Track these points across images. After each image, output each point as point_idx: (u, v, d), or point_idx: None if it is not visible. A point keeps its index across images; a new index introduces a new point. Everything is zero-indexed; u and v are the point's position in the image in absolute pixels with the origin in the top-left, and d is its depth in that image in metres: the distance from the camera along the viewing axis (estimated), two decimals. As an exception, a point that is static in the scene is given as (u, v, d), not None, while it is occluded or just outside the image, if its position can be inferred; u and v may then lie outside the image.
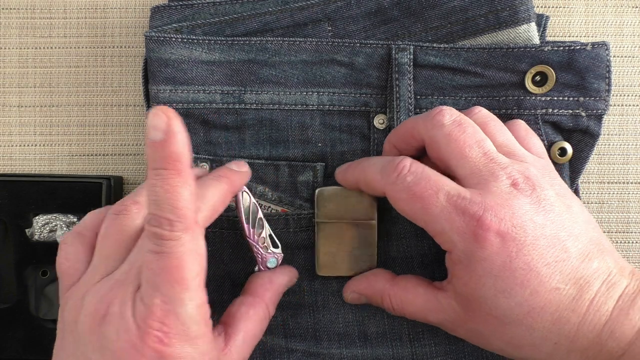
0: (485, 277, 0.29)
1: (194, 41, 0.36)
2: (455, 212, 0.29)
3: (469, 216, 0.29)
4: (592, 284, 0.28)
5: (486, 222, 0.29)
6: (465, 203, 0.29)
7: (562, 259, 0.29)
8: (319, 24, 0.37)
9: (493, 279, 0.29)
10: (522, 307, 0.28)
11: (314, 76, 0.36)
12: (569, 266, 0.29)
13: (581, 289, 0.28)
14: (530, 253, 0.28)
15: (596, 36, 0.40)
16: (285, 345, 0.37)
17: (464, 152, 0.30)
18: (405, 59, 0.36)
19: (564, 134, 0.36)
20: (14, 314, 0.38)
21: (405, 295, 0.33)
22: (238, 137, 0.37)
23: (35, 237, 0.38)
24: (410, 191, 0.30)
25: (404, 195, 0.31)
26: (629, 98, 0.40)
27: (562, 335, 0.28)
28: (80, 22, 0.41)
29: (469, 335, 0.32)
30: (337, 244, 0.35)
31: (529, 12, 0.36)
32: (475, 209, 0.29)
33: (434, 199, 0.30)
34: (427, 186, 0.30)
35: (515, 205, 0.29)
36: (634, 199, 0.40)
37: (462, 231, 0.29)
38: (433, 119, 0.31)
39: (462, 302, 0.31)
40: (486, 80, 0.36)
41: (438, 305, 0.32)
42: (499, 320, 0.29)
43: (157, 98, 0.36)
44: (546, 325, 0.28)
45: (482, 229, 0.29)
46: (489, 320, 0.30)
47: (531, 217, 0.29)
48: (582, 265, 0.29)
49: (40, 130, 0.41)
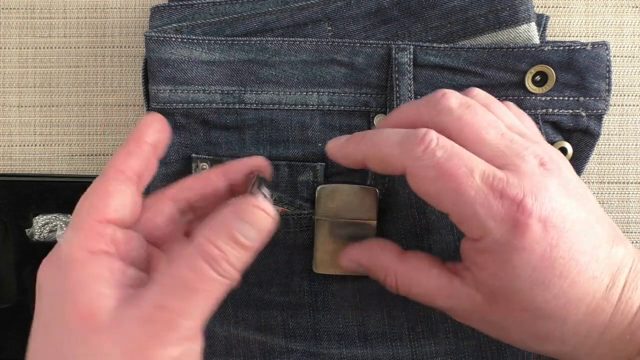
0: (521, 268, 0.26)
1: (194, 41, 0.36)
2: (492, 195, 0.26)
3: (509, 200, 0.26)
4: (622, 270, 0.27)
5: (528, 207, 0.26)
6: (503, 184, 0.26)
7: (596, 246, 0.27)
8: (319, 24, 0.37)
9: (530, 270, 0.26)
10: (559, 299, 0.26)
11: (314, 76, 0.36)
12: (602, 253, 0.27)
13: (614, 276, 0.27)
14: (570, 240, 0.26)
15: (596, 36, 0.40)
16: (285, 345, 0.37)
17: (481, 136, 0.27)
18: (405, 58, 0.36)
19: (564, 134, 0.36)
20: (14, 314, 0.38)
21: (416, 275, 0.29)
22: (238, 137, 0.37)
23: (35, 237, 0.38)
24: (441, 168, 0.26)
25: (432, 173, 0.26)
26: (629, 98, 0.40)
27: (593, 327, 0.27)
28: (80, 22, 0.41)
29: (485, 326, 0.29)
30: (335, 242, 0.35)
31: (529, 12, 0.36)
32: (515, 192, 0.26)
33: (468, 178, 0.26)
34: (461, 163, 0.26)
35: (550, 186, 0.26)
36: (634, 199, 0.40)
37: (500, 217, 0.26)
38: (438, 104, 0.28)
39: (486, 294, 0.28)
40: (486, 80, 0.36)
41: (453, 291, 0.28)
42: (530, 313, 0.27)
43: (157, 98, 0.36)
44: (580, 317, 0.26)
45: (524, 215, 0.26)
46: (518, 313, 0.27)
47: (565, 200, 0.27)
48: (612, 252, 0.27)
49: (40, 130, 0.41)
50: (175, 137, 0.37)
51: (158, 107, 0.36)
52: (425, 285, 0.29)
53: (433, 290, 0.29)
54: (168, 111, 0.36)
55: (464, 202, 0.26)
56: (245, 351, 0.37)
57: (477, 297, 0.28)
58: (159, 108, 0.36)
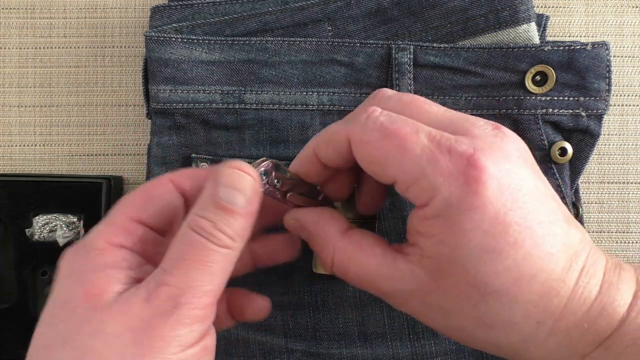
0: (472, 231, 0.23)
1: (194, 41, 0.36)
2: (439, 151, 0.24)
3: (458, 155, 0.24)
4: (580, 254, 0.24)
5: (479, 162, 0.23)
6: (451, 142, 0.24)
7: (554, 220, 0.24)
8: (319, 24, 0.37)
9: (482, 235, 0.23)
10: (510, 273, 0.23)
11: (314, 76, 0.36)
12: (560, 229, 0.24)
13: (571, 258, 0.24)
14: (526, 206, 0.24)
15: (596, 36, 0.40)
16: (285, 345, 0.37)
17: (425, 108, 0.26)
18: (405, 58, 0.36)
19: (564, 134, 0.36)
20: (14, 314, 0.38)
21: (356, 253, 0.27)
22: (238, 137, 0.37)
23: (35, 237, 0.38)
24: (385, 129, 0.25)
25: (376, 136, 0.25)
26: (629, 98, 0.40)
27: (547, 311, 0.24)
28: (80, 22, 0.41)
29: (425, 311, 0.26)
30: None
31: (529, 12, 0.36)
32: (464, 148, 0.24)
33: (413, 136, 0.24)
34: (405, 124, 0.25)
35: (506, 148, 0.24)
36: (634, 199, 0.40)
37: (449, 172, 0.23)
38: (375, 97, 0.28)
39: (431, 268, 0.25)
40: (486, 80, 0.36)
41: (395, 271, 0.26)
42: (477, 290, 0.24)
43: (157, 98, 0.36)
44: (533, 298, 0.24)
45: (475, 170, 0.23)
46: (463, 289, 0.24)
47: (522, 165, 0.25)
48: (570, 233, 0.25)
49: (40, 130, 0.41)
50: (175, 137, 0.37)
51: (158, 107, 0.36)
52: (366, 264, 0.26)
53: (373, 270, 0.26)
54: (168, 111, 0.36)
55: (410, 161, 0.24)
56: (245, 351, 0.37)
57: (420, 274, 0.25)
58: (159, 108, 0.36)
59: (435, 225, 0.24)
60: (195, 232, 0.24)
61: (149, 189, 0.26)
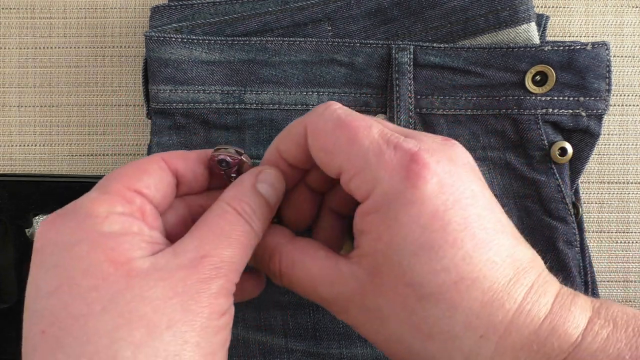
0: (408, 226, 0.23)
1: (194, 41, 0.36)
2: (386, 146, 0.24)
3: (404, 150, 0.24)
4: (529, 271, 0.23)
5: (422, 158, 0.23)
6: (399, 140, 0.24)
7: (500, 230, 0.24)
8: (319, 24, 0.37)
9: (419, 230, 0.23)
10: (448, 273, 0.22)
11: (314, 76, 0.37)
12: (506, 241, 0.23)
13: (518, 272, 0.23)
14: (468, 209, 0.23)
15: (596, 36, 0.40)
16: (285, 345, 0.37)
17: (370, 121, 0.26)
18: (405, 58, 0.36)
19: (564, 134, 0.36)
20: (14, 314, 0.38)
21: (300, 258, 0.26)
22: (238, 137, 0.37)
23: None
24: (340, 120, 0.25)
25: (330, 125, 0.25)
26: (629, 98, 0.40)
27: (491, 324, 0.22)
28: (80, 22, 0.41)
29: (363, 317, 0.25)
30: None
31: (529, 12, 0.36)
32: (410, 146, 0.24)
33: (365, 130, 0.25)
34: (360, 118, 0.25)
35: (453, 154, 0.25)
36: (634, 199, 0.40)
37: (392, 166, 0.24)
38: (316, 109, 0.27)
39: (369, 265, 0.24)
40: (486, 80, 0.36)
41: (336, 273, 0.25)
42: (414, 291, 0.23)
43: (157, 98, 0.36)
44: (474, 306, 0.22)
45: (417, 165, 0.23)
46: (400, 289, 0.23)
47: (468, 173, 0.25)
48: (519, 249, 0.24)
49: (40, 130, 0.41)
50: (175, 137, 0.37)
51: (158, 107, 0.36)
52: (309, 268, 0.26)
53: (316, 273, 0.26)
54: (168, 111, 0.36)
55: (357, 151, 0.24)
56: (245, 351, 0.37)
57: (359, 273, 0.25)
58: (159, 108, 0.36)
59: (374, 220, 0.24)
60: (239, 214, 0.25)
61: (141, 164, 0.26)
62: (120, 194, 0.24)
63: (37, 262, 0.23)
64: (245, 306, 0.37)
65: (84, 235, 0.23)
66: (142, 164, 0.26)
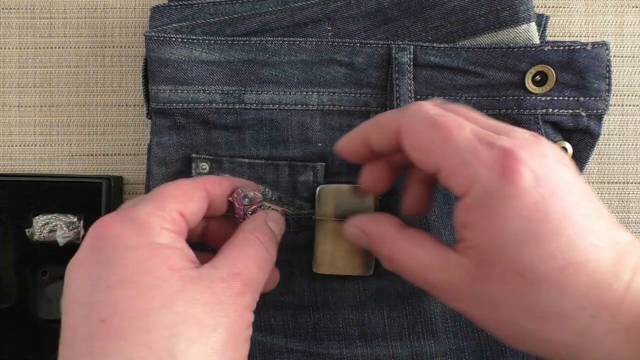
0: (512, 218, 0.24)
1: (194, 41, 0.36)
2: (481, 144, 0.25)
3: (498, 148, 0.25)
4: (631, 253, 0.24)
5: (518, 155, 0.25)
6: (493, 139, 0.26)
7: (598, 216, 0.25)
8: (319, 23, 0.37)
9: (522, 221, 0.24)
10: (555, 259, 0.23)
11: (314, 76, 0.37)
12: (604, 225, 0.24)
13: (620, 255, 0.24)
14: (566, 198, 0.24)
15: (596, 36, 0.40)
16: (285, 345, 0.37)
17: (468, 115, 0.28)
18: (405, 58, 0.36)
19: (564, 134, 0.36)
20: (14, 314, 0.38)
21: (409, 246, 0.29)
22: (238, 137, 0.37)
23: (35, 237, 0.38)
24: (433, 120, 0.27)
25: (424, 126, 0.27)
26: (629, 98, 0.40)
27: (602, 305, 0.23)
28: (80, 22, 0.41)
29: (475, 304, 0.26)
30: (335, 242, 0.35)
31: (529, 12, 0.36)
32: (504, 143, 0.25)
33: (459, 129, 0.26)
34: (452, 118, 0.27)
35: (544, 149, 0.26)
36: (634, 199, 0.40)
37: (489, 163, 0.25)
38: (414, 105, 0.29)
39: (476, 257, 0.26)
40: (486, 80, 0.36)
41: (444, 261, 0.27)
42: (523, 278, 0.24)
43: (157, 98, 0.36)
44: (582, 288, 0.23)
45: (513, 161, 0.25)
46: (509, 279, 0.24)
47: (560, 166, 0.26)
48: (618, 232, 0.25)
49: (40, 130, 0.41)
50: (175, 137, 0.37)
51: (158, 107, 0.36)
52: (418, 256, 0.28)
53: (425, 262, 0.28)
54: (168, 111, 0.36)
55: (453, 150, 0.26)
56: (245, 351, 0.37)
57: (467, 264, 0.26)
58: (159, 108, 0.36)
59: (476, 215, 0.25)
60: (260, 242, 0.30)
61: (189, 190, 0.29)
62: (171, 214, 0.28)
63: (96, 259, 0.26)
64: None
65: (143, 242, 0.26)
66: (190, 189, 0.29)
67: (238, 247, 0.29)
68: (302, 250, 0.36)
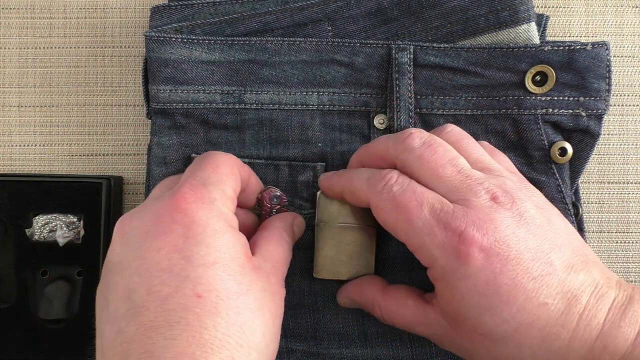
0: (468, 295, 0.28)
1: (194, 41, 0.36)
2: (437, 226, 0.29)
3: (451, 231, 0.28)
4: (580, 297, 0.28)
5: (468, 237, 0.28)
6: (448, 217, 0.29)
7: (547, 273, 0.28)
8: (319, 24, 0.37)
9: (477, 296, 0.28)
10: (509, 324, 0.28)
11: (314, 76, 0.36)
12: (555, 280, 0.28)
13: (569, 302, 0.27)
14: (515, 268, 0.28)
15: (596, 36, 0.40)
16: (285, 345, 0.37)
17: (437, 173, 0.30)
18: (405, 58, 0.36)
19: (564, 134, 0.36)
20: (14, 314, 0.38)
21: (394, 306, 0.33)
22: (238, 137, 0.37)
23: (35, 237, 0.38)
24: (395, 201, 0.30)
25: (389, 205, 0.30)
26: (629, 98, 0.40)
27: (552, 352, 0.28)
28: (80, 22, 0.41)
29: (457, 350, 0.31)
30: (335, 247, 0.35)
31: (529, 12, 0.36)
32: (457, 224, 0.28)
33: (418, 210, 0.29)
34: (413, 197, 0.30)
35: (497, 219, 0.28)
36: (634, 199, 0.40)
37: (443, 246, 0.28)
38: (403, 143, 0.31)
39: (448, 319, 0.30)
40: (486, 80, 0.36)
41: (426, 319, 0.31)
42: (486, 338, 0.29)
43: (157, 98, 0.36)
44: (535, 342, 0.28)
45: (464, 245, 0.28)
46: (476, 337, 0.29)
47: (513, 231, 0.28)
48: (569, 278, 0.28)
49: (40, 130, 0.41)
50: (175, 137, 0.37)
51: (158, 107, 0.36)
52: (403, 315, 0.32)
53: (410, 319, 0.32)
54: (168, 111, 0.36)
55: (414, 232, 0.29)
56: (245, 351, 0.37)
57: (443, 322, 0.31)
58: (159, 108, 0.36)
59: (440, 286, 0.30)
60: (287, 242, 0.33)
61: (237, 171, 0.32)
62: (232, 195, 0.30)
63: (185, 234, 0.28)
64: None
65: (225, 228, 0.28)
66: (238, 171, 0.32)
67: (274, 244, 0.32)
68: (302, 250, 0.37)
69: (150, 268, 0.27)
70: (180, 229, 0.28)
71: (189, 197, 0.28)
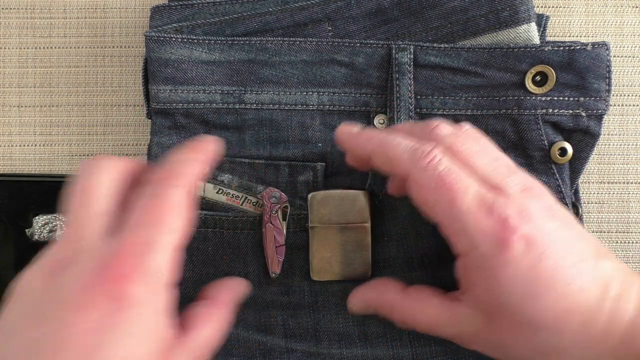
0: (510, 282, 0.28)
1: (194, 41, 0.36)
2: (481, 210, 0.28)
3: (496, 217, 0.28)
4: (611, 283, 0.28)
5: (512, 224, 0.28)
6: (492, 203, 0.29)
7: (581, 260, 0.28)
8: (319, 24, 0.37)
9: (519, 284, 0.28)
10: (550, 311, 0.28)
11: (314, 76, 0.37)
12: (589, 266, 0.28)
13: (603, 288, 0.28)
14: (554, 255, 0.28)
15: (596, 36, 0.40)
16: (285, 345, 0.37)
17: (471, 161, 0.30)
18: (406, 58, 0.36)
19: (564, 134, 0.36)
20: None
21: (418, 307, 0.32)
22: (238, 137, 0.37)
23: (35, 237, 0.38)
24: (441, 180, 0.29)
25: (432, 183, 0.29)
26: (629, 98, 0.40)
27: (591, 336, 0.28)
28: (80, 22, 0.41)
29: (487, 347, 0.31)
30: (330, 248, 0.35)
31: (529, 12, 0.36)
32: (501, 210, 0.28)
33: (463, 193, 0.29)
34: (459, 179, 0.29)
35: (533, 208, 0.29)
36: (634, 199, 0.40)
37: (486, 233, 0.28)
38: (432, 132, 0.31)
39: (483, 312, 0.30)
40: (486, 80, 0.36)
41: (453, 317, 0.31)
42: (527, 327, 0.28)
43: (157, 98, 0.36)
44: (575, 327, 0.28)
45: (507, 231, 0.28)
46: (516, 328, 0.29)
47: (547, 221, 0.29)
48: (599, 265, 0.29)
49: (40, 130, 0.41)
50: (175, 137, 0.37)
51: (158, 107, 0.36)
52: (428, 315, 0.31)
53: (436, 318, 0.31)
54: (168, 111, 0.36)
55: (456, 214, 0.29)
56: (245, 351, 0.37)
57: (477, 317, 0.30)
58: (159, 108, 0.36)
59: (478, 275, 0.29)
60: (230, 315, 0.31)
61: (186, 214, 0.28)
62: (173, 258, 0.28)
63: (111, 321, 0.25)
64: (245, 306, 0.37)
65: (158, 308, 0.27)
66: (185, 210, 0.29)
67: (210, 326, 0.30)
68: (302, 250, 0.37)
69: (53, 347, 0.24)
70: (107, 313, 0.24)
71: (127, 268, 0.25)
